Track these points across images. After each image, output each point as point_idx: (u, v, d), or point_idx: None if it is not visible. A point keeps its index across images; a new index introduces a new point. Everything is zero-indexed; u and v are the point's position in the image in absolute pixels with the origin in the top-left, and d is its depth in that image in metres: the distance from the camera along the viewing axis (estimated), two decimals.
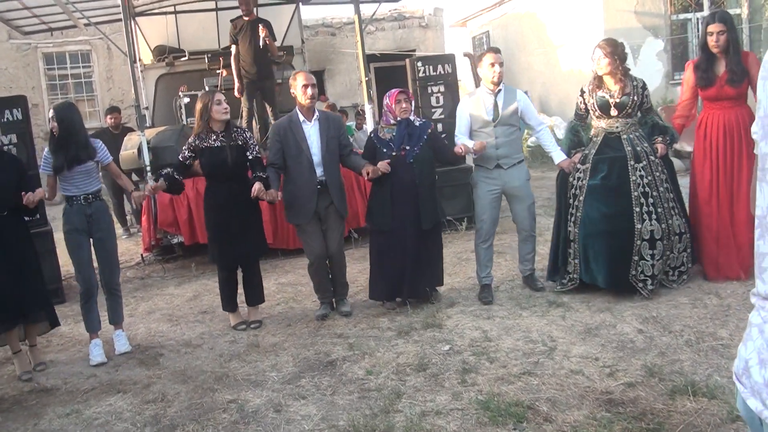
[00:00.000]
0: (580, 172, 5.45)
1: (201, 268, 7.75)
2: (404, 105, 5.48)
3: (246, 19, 8.67)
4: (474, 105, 5.60)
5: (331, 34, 18.25)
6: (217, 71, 9.03)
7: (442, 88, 8.47)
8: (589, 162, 5.42)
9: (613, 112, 5.38)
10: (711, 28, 5.39)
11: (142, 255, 8.41)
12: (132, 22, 9.64)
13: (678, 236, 5.36)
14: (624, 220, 5.22)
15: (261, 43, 8.43)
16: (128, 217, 10.57)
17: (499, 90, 5.55)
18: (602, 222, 5.27)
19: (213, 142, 5.33)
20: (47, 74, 17.56)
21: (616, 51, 5.32)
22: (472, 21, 19.92)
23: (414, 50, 17.71)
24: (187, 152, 5.43)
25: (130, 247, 9.47)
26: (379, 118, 6.16)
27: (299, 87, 5.45)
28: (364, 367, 4.41)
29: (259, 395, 4.16)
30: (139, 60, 10.14)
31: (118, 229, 10.61)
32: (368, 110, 8.90)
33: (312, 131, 5.47)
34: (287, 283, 6.80)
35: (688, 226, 5.50)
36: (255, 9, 8.96)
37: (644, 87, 5.43)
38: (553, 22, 15.07)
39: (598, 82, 5.43)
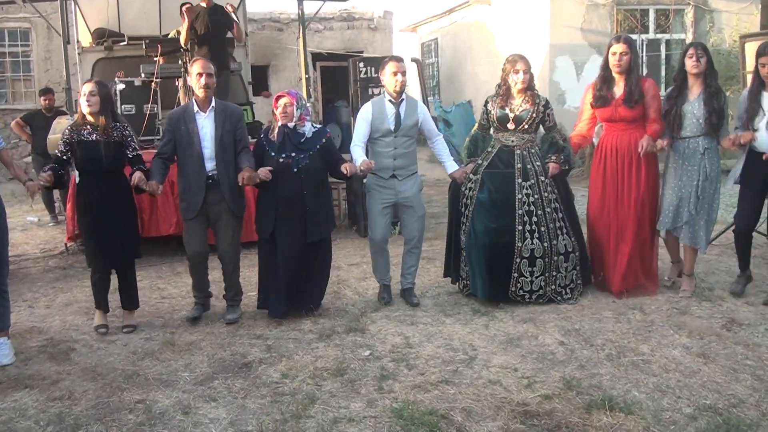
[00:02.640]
0: (471, 183, 5.50)
1: None
2: (282, 110, 5.09)
3: (204, 5, 8.30)
4: (376, 113, 5.42)
5: (278, 29, 17.97)
6: (155, 58, 8.73)
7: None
8: (479, 174, 5.47)
9: (511, 125, 5.41)
10: (615, 48, 5.36)
11: (66, 244, 8.11)
12: (71, 2, 9.30)
13: (564, 256, 5.41)
14: (505, 236, 5.31)
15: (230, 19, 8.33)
16: (56, 204, 10.19)
17: (402, 100, 5.43)
18: (485, 235, 5.33)
19: (87, 136, 4.99)
20: None
21: (530, 68, 5.39)
22: (421, 27, 19.97)
23: (362, 51, 17.58)
24: (62, 146, 5.05)
25: (55, 235, 9.13)
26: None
27: (194, 75, 5.12)
28: (280, 370, 4.30)
29: (169, 396, 4.01)
30: (78, 42, 9.80)
31: (45, 216, 10.28)
32: (310, 108, 8.75)
33: (206, 123, 5.17)
34: None
35: (578, 245, 5.53)
36: None
37: (547, 105, 5.47)
38: (501, 33, 15.17)
39: (506, 96, 5.42)
